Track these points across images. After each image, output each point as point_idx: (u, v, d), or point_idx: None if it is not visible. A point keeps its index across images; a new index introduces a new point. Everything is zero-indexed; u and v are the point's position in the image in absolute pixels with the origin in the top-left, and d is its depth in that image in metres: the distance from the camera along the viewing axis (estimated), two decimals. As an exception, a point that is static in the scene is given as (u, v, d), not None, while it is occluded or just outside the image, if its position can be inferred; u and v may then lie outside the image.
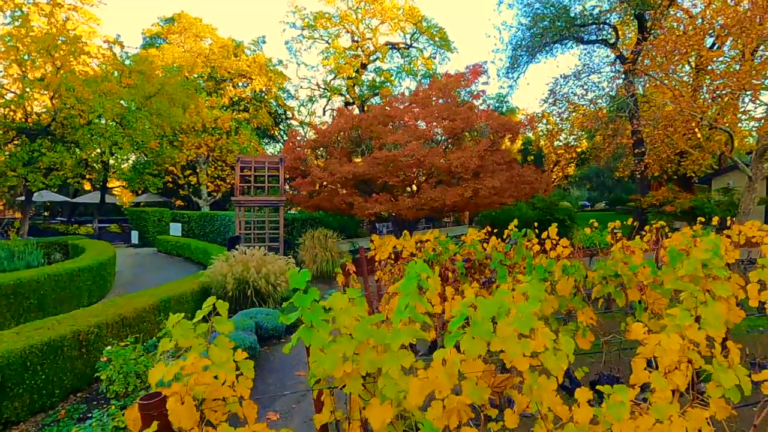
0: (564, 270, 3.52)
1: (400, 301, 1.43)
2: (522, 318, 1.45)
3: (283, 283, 9.68)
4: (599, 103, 23.50)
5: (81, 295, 11.33)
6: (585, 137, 34.95)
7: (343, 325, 1.47)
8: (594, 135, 33.34)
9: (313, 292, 1.49)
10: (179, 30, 37.27)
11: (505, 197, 14.32)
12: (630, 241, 7.44)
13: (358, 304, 1.56)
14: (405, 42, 40.94)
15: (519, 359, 1.46)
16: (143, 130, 20.92)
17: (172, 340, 1.51)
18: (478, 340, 1.47)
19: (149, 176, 24.79)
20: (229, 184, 28.24)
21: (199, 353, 1.54)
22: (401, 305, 1.41)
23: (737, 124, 18.16)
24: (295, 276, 1.54)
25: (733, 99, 17.33)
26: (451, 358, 1.41)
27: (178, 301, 8.60)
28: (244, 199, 12.90)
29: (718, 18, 17.96)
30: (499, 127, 14.39)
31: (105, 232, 25.23)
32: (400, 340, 1.40)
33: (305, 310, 1.43)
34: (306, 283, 1.53)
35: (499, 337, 1.48)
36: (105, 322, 6.53)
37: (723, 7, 17.51)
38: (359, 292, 1.60)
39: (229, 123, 27.02)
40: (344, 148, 16.40)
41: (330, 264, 14.66)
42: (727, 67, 18.35)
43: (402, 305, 1.41)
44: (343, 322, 1.47)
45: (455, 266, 4.82)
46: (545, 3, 23.37)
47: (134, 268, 17.07)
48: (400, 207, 14.06)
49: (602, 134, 25.52)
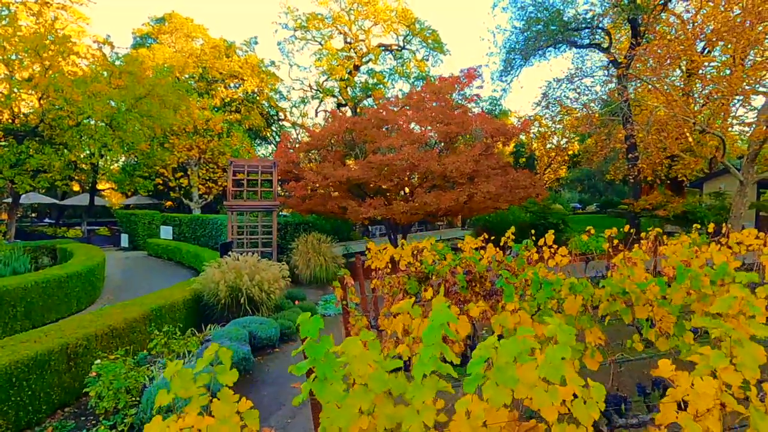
0: (571, 288, 3.42)
1: (423, 351, 1.31)
2: (552, 365, 1.35)
3: (277, 290, 9.53)
4: (592, 107, 23.59)
5: (70, 301, 11.09)
6: (576, 140, 35.13)
7: (357, 374, 1.35)
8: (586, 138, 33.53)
9: (326, 341, 1.37)
10: (170, 30, 36.92)
11: (500, 202, 14.26)
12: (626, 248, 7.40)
13: (373, 347, 1.44)
14: (398, 44, 40.90)
15: (547, 409, 1.35)
16: (133, 132, 20.60)
17: (171, 391, 1.38)
18: (502, 388, 1.35)
19: (139, 178, 24.46)
20: (221, 186, 27.93)
21: (200, 407, 1.41)
22: (424, 356, 1.29)
23: (728, 129, 18.31)
24: (306, 324, 1.41)
25: (725, 104, 17.44)
26: (475, 410, 1.29)
27: (170, 310, 8.41)
28: (236, 204, 12.71)
29: (709, 23, 18.10)
30: (494, 132, 14.32)
31: (94, 235, 24.85)
32: (422, 396, 1.28)
33: (318, 362, 1.31)
34: (318, 332, 1.41)
35: (524, 383, 1.37)
36: (94, 333, 6.34)
37: (714, 13, 17.65)
38: (372, 335, 1.48)
39: (221, 125, 26.72)
40: (338, 152, 16.26)
41: (324, 269, 14.51)
42: (718, 71, 18.49)
43: (426, 356, 1.29)
44: (357, 371, 1.35)
45: (456, 279, 4.72)
46: (538, 7, 23.41)
47: (124, 272, 16.80)
48: (395, 212, 13.94)
49: (596, 138, 25.62)
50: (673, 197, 18.97)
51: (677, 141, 17.10)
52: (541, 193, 14.97)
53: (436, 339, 1.32)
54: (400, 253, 6.31)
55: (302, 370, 1.41)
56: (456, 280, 4.76)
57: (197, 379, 1.38)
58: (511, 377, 1.36)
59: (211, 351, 1.47)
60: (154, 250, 20.40)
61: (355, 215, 14.46)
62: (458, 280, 4.72)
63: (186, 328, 8.98)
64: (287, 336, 8.68)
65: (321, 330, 1.43)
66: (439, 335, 1.34)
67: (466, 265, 4.96)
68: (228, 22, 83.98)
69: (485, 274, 4.91)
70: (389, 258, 6.39)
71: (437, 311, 1.41)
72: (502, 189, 13.60)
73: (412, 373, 1.26)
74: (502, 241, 8.71)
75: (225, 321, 9.24)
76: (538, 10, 23.27)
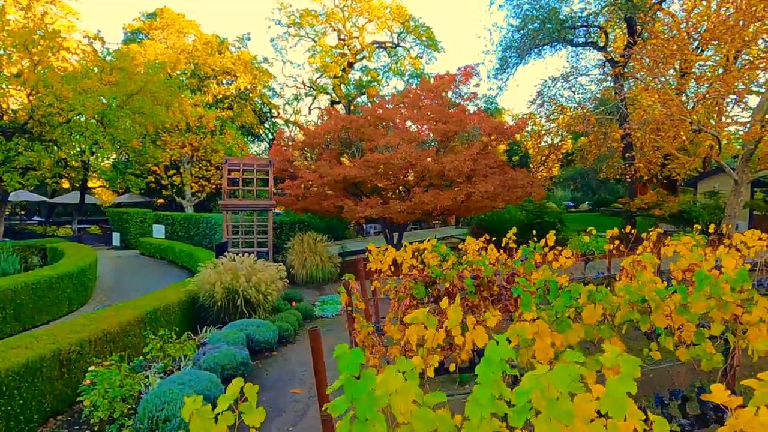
0: (590, 296, 3.30)
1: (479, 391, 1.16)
2: (614, 399, 1.21)
3: (274, 292, 9.36)
4: (588, 106, 23.58)
5: (61, 303, 10.85)
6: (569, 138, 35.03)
7: (398, 410, 1.21)
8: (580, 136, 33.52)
9: (368, 378, 1.22)
10: (161, 25, 36.43)
11: (498, 201, 14.16)
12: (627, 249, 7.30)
13: (412, 378, 1.29)
14: (392, 41, 40.68)
15: (606, 447, 1.22)
16: (125, 129, 20.27)
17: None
18: (556, 423, 1.22)
19: (131, 176, 24.09)
20: (214, 184, 27.62)
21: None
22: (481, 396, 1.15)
23: (724, 128, 18.33)
24: (345, 358, 1.27)
25: (719, 103, 17.47)
26: (531, 451, 1.16)
27: (165, 312, 8.22)
28: (232, 203, 12.49)
29: (702, 23, 18.05)
30: (492, 130, 14.20)
31: (85, 234, 24.47)
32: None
33: (360, 402, 1.16)
34: (359, 367, 1.26)
35: (581, 418, 1.24)
36: (87, 338, 6.15)
37: (707, 12, 17.58)
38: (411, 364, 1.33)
39: (213, 122, 26.38)
40: (333, 150, 16.07)
41: (320, 269, 14.36)
42: (712, 70, 18.48)
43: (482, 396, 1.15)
44: (398, 407, 1.21)
45: (464, 284, 4.59)
46: (534, 4, 23.32)
47: (116, 272, 16.53)
48: (392, 211, 13.79)
49: (591, 137, 25.59)
50: (668, 196, 18.99)
51: (674, 140, 17.09)
52: (539, 193, 14.89)
53: (496, 376, 1.18)
54: (402, 256, 6.17)
55: (339, 410, 1.26)
56: (464, 284, 4.63)
57: (219, 419, 1.22)
58: (566, 412, 1.23)
59: (235, 387, 1.31)
60: (147, 249, 20.11)
61: (351, 214, 14.30)
62: (466, 285, 4.60)
63: (181, 330, 8.79)
64: (285, 339, 8.52)
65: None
66: (499, 372, 1.20)
67: (474, 269, 4.84)
68: (220, 18, 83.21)
69: (493, 278, 4.79)
70: (391, 260, 6.25)
71: (493, 348, 1.26)
72: (500, 188, 13.50)
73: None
74: (504, 241, 8.60)
75: (221, 323, 9.07)
76: (533, 8, 23.18)
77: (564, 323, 3.18)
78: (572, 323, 3.24)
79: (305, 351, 8.12)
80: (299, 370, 7.19)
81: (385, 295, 8.16)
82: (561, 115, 27.08)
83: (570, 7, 21.66)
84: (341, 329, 9.48)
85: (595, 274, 9.20)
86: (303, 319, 9.81)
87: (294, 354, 7.95)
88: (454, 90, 16.39)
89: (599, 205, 47.34)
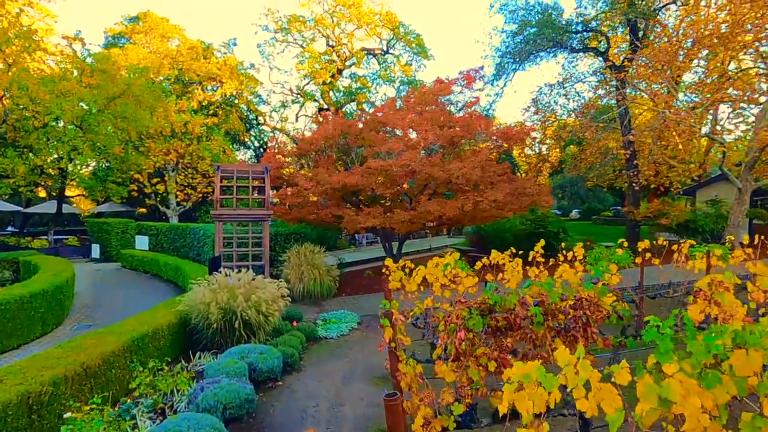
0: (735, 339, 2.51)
1: None
2: None
3: (275, 312, 8.43)
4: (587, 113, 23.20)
5: (33, 324, 9.77)
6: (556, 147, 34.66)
7: None
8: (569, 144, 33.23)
9: None
10: (144, 30, 35.28)
11: (505, 210, 13.46)
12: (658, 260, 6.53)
13: None
14: (381, 48, 40.13)
15: None
16: (106, 135, 19.13)
17: None
18: None
19: (112, 184, 22.82)
20: (200, 193, 26.46)
21: None
22: None
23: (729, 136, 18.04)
24: None
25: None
26: None
27: (153, 338, 7.25)
28: (226, 213, 11.52)
29: (691, 36, 17.54)
30: (500, 136, 13.54)
31: (62, 246, 23.08)
32: None
33: None
34: None
35: None
36: (63, 375, 5.17)
37: (698, 20, 17.15)
38: None
39: (199, 128, 25.28)
40: (330, 157, 15.25)
41: (318, 283, 13.43)
42: (708, 74, 18.11)
43: None
44: None
45: (529, 313, 3.80)
46: (530, 10, 22.94)
47: (96, 287, 15.37)
48: (394, 220, 12.99)
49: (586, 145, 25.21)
50: (674, 205, 18.55)
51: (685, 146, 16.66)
52: (547, 201, 14.24)
53: None
54: (435, 274, 5.34)
55: None
56: (528, 313, 3.84)
57: None
58: None
59: None
60: (129, 261, 18.93)
61: (352, 224, 13.46)
62: (532, 313, 3.81)
63: (172, 356, 7.83)
64: (289, 366, 7.59)
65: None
66: None
67: (537, 293, 4.05)
68: (206, 23, 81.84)
69: (560, 305, 4.01)
70: (422, 278, 5.44)
71: None
72: (509, 196, 12.80)
73: None
74: (531, 256, 7.81)
75: (217, 348, 8.12)
76: (529, 14, 22.80)
77: (713, 377, 2.39)
78: (721, 376, 2.45)
79: (313, 380, 7.22)
80: (309, 406, 6.28)
81: (415, 319, 7.34)
82: (556, 122, 26.75)
83: (568, 12, 21.25)
84: (350, 352, 8.60)
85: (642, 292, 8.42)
86: (306, 341, 8.90)
87: (301, 384, 7.04)
88: (455, 94, 15.72)
89: (589, 213, 47.22)
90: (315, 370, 7.68)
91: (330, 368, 7.74)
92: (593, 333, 4.11)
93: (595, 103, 24.90)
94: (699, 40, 16.47)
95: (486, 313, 3.87)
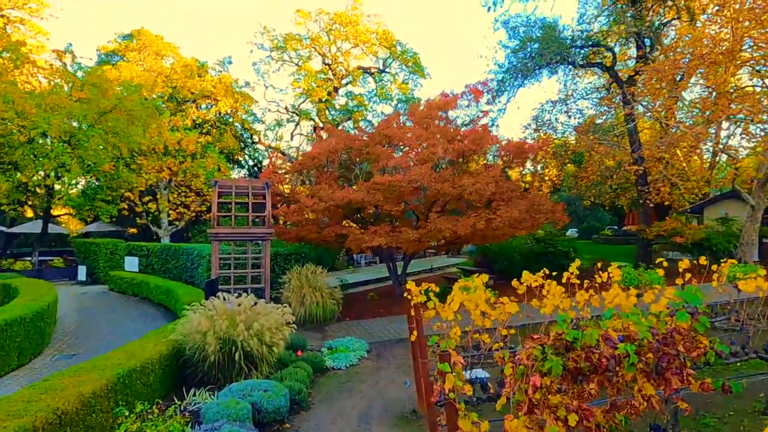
0: None
1: None
2: None
3: (280, 341, 7.55)
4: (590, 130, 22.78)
5: (8, 356, 8.82)
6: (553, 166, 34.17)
7: None
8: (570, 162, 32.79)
9: None
10: (138, 47, 34.76)
11: (520, 228, 12.72)
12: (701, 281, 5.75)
13: None
14: (377, 66, 39.91)
15: None
16: (96, 151, 18.25)
17: None
18: None
19: (102, 203, 21.82)
20: (194, 212, 25.50)
21: None
22: None
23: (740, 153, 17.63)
24: None
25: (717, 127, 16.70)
26: None
27: (142, 374, 6.34)
28: (223, 232, 10.67)
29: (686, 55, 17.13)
30: (513, 150, 12.90)
31: (46, 267, 21.95)
32: None
33: None
34: None
35: None
36: (32, 426, 4.27)
37: (698, 36, 16.75)
38: None
39: (194, 145, 24.47)
40: (332, 173, 14.52)
41: (320, 306, 12.54)
42: (709, 95, 17.68)
43: None
44: None
45: (616, 351, 3.02)
46: (531, 26, 22.65)
47: (81, 312, 14.36)
48: (402, 239, 12.21)
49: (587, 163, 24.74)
50: (687, 223, 17.96)
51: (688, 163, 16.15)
52: (562, 219, 13.53)
53: None
54: (476, 301, 4.56)
55: None
56: (616, 353, 3.06)
57: None
58: None
59: None
60: (117, 284, 17.91)
61: (357, 244, 12.64)
62: (623, 352, 3.02)
63: (163, 395, 6.90)
64: (297, 404, 6.69)
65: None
66: None
67: (624, 327, 3.29)
68: (201, 41, 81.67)
69: (651, 342, 3.24)
70: (458, 305, 4.65)
71: None
72: (525, 213, 12.08)
73: None
74: (565, 276, 7.02)
75: (213, 383, 7.20)
76: (530, 30, 22.50)
77: None
78: None
79: (325, 421, 6.32)
80: (325, 454, 5.40)
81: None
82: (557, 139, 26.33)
83: (572, 28, 20.94)
84: (362, 386, 7.70)
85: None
86: (314, 373, 8.00)
87: (312, 427, 6.14)
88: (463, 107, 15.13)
89: (588, 232, 46.64)
90: (326, 408, 6.78)
91: (343, 406, 6.84)
92: (689, 375, 3.35)
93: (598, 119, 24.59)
94: (697, 58, 16.08)
95: (562, 351, 3.09)
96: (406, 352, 9.69)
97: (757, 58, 15.64)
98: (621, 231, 43.12)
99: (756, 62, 15.66)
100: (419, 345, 4.84)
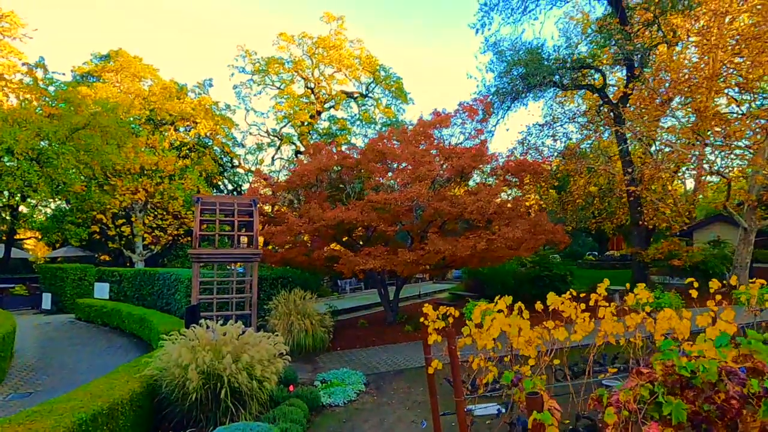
0: None
1: None
2: None
3: (273, 376, 6.61)
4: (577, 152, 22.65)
5: (-49, 396, 7.59)
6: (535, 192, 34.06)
7: None
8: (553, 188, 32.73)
9: None
10: (116, 68, 33.75)
11: (521, 250, 12.09)
12: None
13: None
14: (360, 91, 39.76)
15: None
16: (66, 170, 17.09)
17: None
18: None
19: (71, 225, 20.46)
20: (170, 235, 24.25)
21: None
22: None
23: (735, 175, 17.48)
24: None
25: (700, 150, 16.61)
26: None
27: (110, 417, 5.33)
28: (206, 253, 9.72)
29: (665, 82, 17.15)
30: (515, 168, 12.37)
31: (6, 295, 20.30)
32: None
33: None
34: None
35: None
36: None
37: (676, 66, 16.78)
38: None
39: (172, 165, 23.39)
40: (322, 192, 13.75)
41: (310, 335, 11.57)
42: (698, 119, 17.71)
43: None
44: None
45: (744, 390, 2.31)
46: (517, 51, 22.64)
47: (42, 344, 13.05)
48: (398, 262, 11.44)
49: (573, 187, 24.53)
50: (686, 247, 17.65)
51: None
52: (563, 240, 12.98)
53: None
54: (518, 325, 3.81)
55: None
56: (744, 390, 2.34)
57: None
58: None
59: None
60: (85, 313, 16.53)
61: (348, 267, 11.80)
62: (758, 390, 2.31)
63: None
64: (295, 450, 5.75)
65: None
66: None
67: (749, 356, 2.58)
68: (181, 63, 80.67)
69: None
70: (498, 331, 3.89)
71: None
72: (527, 234, 11.46)
73: None
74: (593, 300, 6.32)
75: (195, 425, 6.20)
76: (516, 54, 22.47)
77: None
78: None
79: (328, 470, 5.38)
80: None
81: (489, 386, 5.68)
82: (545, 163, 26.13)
83: (561, 51, 20.94)
84: (365, 425, 6.78)
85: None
86: (309, 411, 7.04)
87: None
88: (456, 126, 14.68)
89: (572, 257, 46.46)
90: (327, 454, 5.85)
91: (347, 451, 5.92)
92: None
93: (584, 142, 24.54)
94: (676, 86, 16.07)
95: (677, 391, 2.35)
96: (407, 385, 8.82)
97: (732, 85, 15.74)
98: (605, 256, 43.05)
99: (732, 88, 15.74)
100: (455, 380, 4.03)
